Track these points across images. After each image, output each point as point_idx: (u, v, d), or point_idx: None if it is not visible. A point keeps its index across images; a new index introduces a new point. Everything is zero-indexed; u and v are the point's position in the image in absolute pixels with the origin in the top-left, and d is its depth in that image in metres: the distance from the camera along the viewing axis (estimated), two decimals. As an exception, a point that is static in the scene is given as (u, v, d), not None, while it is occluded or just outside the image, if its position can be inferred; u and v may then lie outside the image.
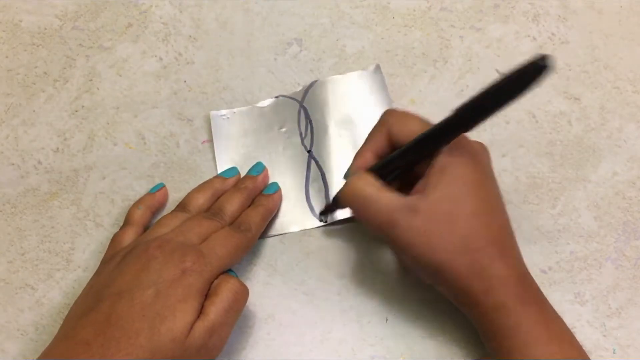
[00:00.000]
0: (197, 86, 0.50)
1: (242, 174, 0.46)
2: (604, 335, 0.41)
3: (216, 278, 0.38)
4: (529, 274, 0.37)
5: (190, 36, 0.52)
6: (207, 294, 0.37)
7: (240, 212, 0.42)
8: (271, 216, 0.44)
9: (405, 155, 0.37)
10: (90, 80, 0.51)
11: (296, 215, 0.45)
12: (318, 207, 0.45)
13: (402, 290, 0.43)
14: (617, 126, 0.48)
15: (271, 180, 0.46)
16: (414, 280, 0.43)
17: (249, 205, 0.43)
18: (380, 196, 0.36)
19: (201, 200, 0.43)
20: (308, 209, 0.45)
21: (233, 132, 0.48)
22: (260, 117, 0.48)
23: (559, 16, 0.53)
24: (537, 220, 0.45)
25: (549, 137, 0.48)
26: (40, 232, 0.45)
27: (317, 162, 0.46)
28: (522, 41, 0.52)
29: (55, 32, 0.53)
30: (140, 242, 0.39)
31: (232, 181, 0.45)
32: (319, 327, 0.42)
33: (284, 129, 0.48)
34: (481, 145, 0.38)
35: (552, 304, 0.37)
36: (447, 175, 0.35)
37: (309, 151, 0.47)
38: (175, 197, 0.46)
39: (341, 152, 0.46)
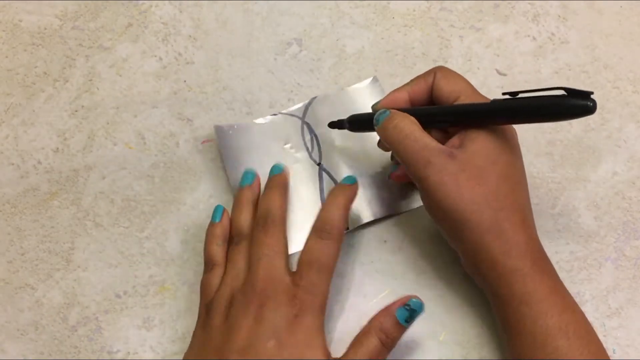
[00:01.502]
0: (197, 86, 0.50)
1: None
2: (604, 335, 0.41)
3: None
4: (543, 248, 0.38)
5: (190, 36, 0.52)
6: (352, 343, 0.36)
7: (284, 205, 0.41)
8: (351, 206, 0.41)
9: (449, 116, 0.39)
10: (90, 80, 0.51)
11: None
12: None
13: (402, 290, 0.43)
14: (617, 126, 0.48)
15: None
16: (414, 280, 0.43)
17: (329, 199, 0.40)
18: (422, 136, 0.38)
19: (246, 217, 0.41)
20: None
21: (237, 146, 0.47)
22: (260, 134, 0.48)
23: (559, 16, 0.53)
24: (537, 220, 0.45)
25: (548, 137, 0.48)
26: (40, 232, 0.45)
27: (329, 174, 0.46)
28: (522, 41, 0.52)
29: (55, 32, 0.53)
30: (236, 290, 0.38)
31: (257, 183, 0.44)
32: (319, 327, 0.42)
33: (288, 145, 0.47)
34: (513, 128, 0.40)
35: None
36: (485, 135, 0.38)
37: (318, 164, 0.47)
38: (175, 197, 0.46)
39: (352, 162, 0.47)
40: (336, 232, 0.39)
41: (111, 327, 0.42)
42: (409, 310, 0.37)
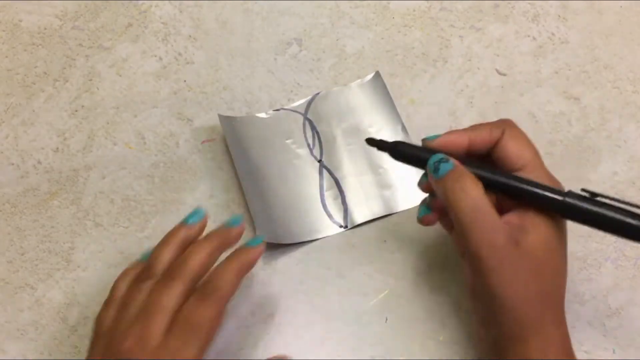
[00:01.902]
0: (197, 86, 0.50)
1: (248, 184, 0.46)
2: (604, 335, 0.41)
3: None
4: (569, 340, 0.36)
5: (190, 36, 0.52)
6: None
7: (207, 267, 0.37)
8: (248, 271, 0.37)
9: (519, 193, 0.36)
10: (90, 80, 0.51)
11: (315, 223, 0.45)
12: (335, 213, 0.45)
13: (403, 290, 0.43)
14: (617, 126, 0.48)
15: (286, 191, 0.46)
16: (413, 280, 0.43)
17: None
18: (491, 212, 0.35)
19: (167, 256, 0.37)
20: (326, 216, 0.45)
21: (241, 137, 0.47)
22: (263, 128, 0.48)
23: (559, 16, 0.53)
24: (537, 220, 0.45)
25: (549, 137, 0.48)
26: (40, 232, 0.45)
27: (329, 171, 0.46)
28: (522, 41, 0.52)
29: (55, 32, 0.53)
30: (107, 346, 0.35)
31: (197, 227, 0.39)
32: (319, 327, 0.42)
33: (290, 140, 0.48)
34: None
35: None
36: (547, 222, 0.35)
37: (319, 161, 0.47)
38: (175, 197, 0.46)
39: (352, 160, 0.47)
40: (219, 296, 0.35)
41: (111, 327, 0.42)
42: None
